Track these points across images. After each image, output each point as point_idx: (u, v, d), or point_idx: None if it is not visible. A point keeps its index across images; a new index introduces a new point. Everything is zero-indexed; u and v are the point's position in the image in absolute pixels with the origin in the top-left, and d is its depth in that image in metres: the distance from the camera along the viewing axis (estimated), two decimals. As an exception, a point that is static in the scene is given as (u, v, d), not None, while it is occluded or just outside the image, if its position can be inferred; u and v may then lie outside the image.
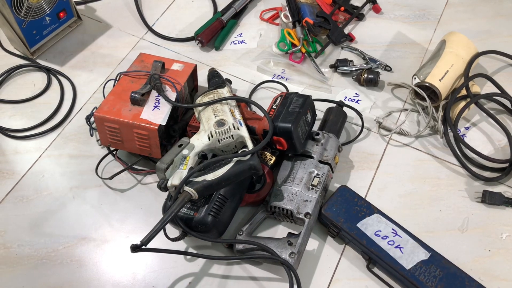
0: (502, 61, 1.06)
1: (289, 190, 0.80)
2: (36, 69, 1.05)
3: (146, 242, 0.65)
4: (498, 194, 0.85)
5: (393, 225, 0.78)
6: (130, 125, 0.82)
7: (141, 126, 0.81)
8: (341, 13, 1.13)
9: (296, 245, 0.74)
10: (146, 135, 0.82)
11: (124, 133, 0.84)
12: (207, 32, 1.08)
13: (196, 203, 0.75)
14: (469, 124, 0.97)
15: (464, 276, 0.74)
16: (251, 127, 0.81)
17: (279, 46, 1.05)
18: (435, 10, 1.16)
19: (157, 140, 0.82)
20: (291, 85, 1.02)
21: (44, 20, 1.03)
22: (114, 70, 1.05)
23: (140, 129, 0.82)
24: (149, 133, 0.82)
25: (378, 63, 1.04)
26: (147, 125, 0.81)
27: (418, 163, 0.91)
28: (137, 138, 0.83)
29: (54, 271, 0.79)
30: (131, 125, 0.82)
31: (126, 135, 0.84)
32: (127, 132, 0.83)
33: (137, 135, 0.83)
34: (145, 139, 0.83)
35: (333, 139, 0.86)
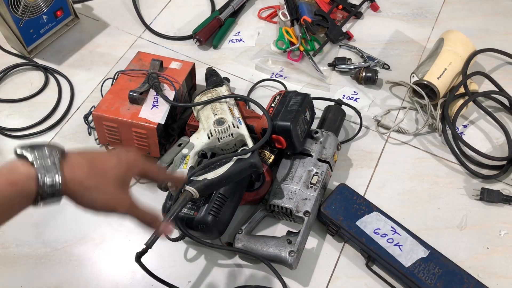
0: (500, 59, 1.06)
1: (288, 189, 0.80)
2: (33, 68, 1.05)
3: (151, 244, 0.65)
4: (496, 191, 0.85)
5: (392, 223, 0.79)
6: (129, 124, 0.82)
7: (140, 125, 0.81)
8: (339, 11, 1.13)
9: (295, 243, 0.74)
10: (145, 134, 0.82)
11: (122, 132, 0.84)
12: (205, 31, 1.07)
13: (196, 203, 0.75)
14: (467, 122, 0.97)
15: (462, 274, 0.74)
16: (250, 126, 0.80)
17: (277, 45, 1.05)
18: (433, 8, 1.16)
19: (155, 139, 0.82)
20: (289, 84, 1.02)
21: (41, 19, 1.02)
22: (112, 69, 1.05)
23: (138, 128, 0.82)
24: (147, 132, 0.81)
25: (376, 61, 1.04)
26: (145, 124, 0.81)
27: (417, 161, 0.92)
28: (136, 137, 0.83)
29: (53, 271, 0.79)
30: (130, 124, 0.82)
31: (124, 134, 0.84)
32: (125, 131, 0.83)
33: (135, 134, 0.83)
34: (144, 138, 0.83)
35: (332, 137, 0.86)
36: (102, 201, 0.50)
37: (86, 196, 0.49)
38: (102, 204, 0.51)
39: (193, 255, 0.81)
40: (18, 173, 0.46)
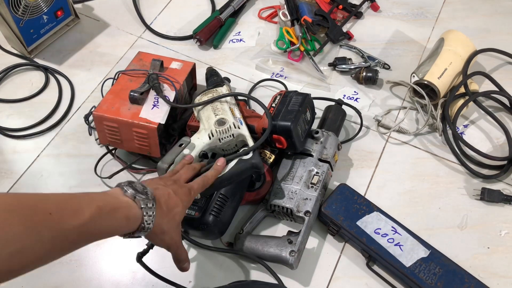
0: (500, 59, 1.06)
1: (288, 189, 0.80)
2: (33, 68, 1.05)
3: (153, 245, 0.65)
4: (497, 191, 0.85)
5: (393, 223, 0.79)
6: (129, 124, 0.82)
7: (140, 125, 0.81)
8: (340, 11, 1.13)
9: (296, 243, 0.74)
10: (145, 134, 0.82)
11: (123, 132, 0.84)
12: (205, 31, 1.07)
13: (197, 203, 0.75)
14: (468, 122, 0.97)
15: (463, 273, 0.74)
16: (251, 126, 0.80)
17: (277, 45, 1.05)
18: (433, 8, 1.16)
19: (156, 139, 0.82)
20: (290, 84, 1.02)
21: (41, 19, 1.02)
22: (112, 69, 1.05)
23: (139, 128, 0.82)
24: (148, 132, 0.81)
25: (377, 61, 1.04)
26: (146, 124, 0.81)
27: (417, 161, 0.92)
28: (136, 137, 0.83)
29: (53, 271, 0.79)
30: (130, 124, 0.82)
31: (125, 134, 0.84)
32: (126, 131, 0.83)
33: (136, 134, 0.83)
34: (144, 138, 0.83)
35: (333, 137, 0.86)
36: (167, 243, 0.60)
37: (159, 237, 0.58)
38: (166, 245, 0.61)
39: (194, 255, 0.81)
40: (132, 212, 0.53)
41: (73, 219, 0.46)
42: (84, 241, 0.49)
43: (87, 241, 0.49)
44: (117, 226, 0.52)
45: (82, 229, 0.47)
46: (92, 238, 0.50)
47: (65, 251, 0.48)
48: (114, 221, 0.51)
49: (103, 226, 0.50)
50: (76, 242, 0.48)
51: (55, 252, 0.46)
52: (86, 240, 0.49)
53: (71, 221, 0.46)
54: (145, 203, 0.54)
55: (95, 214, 0.48)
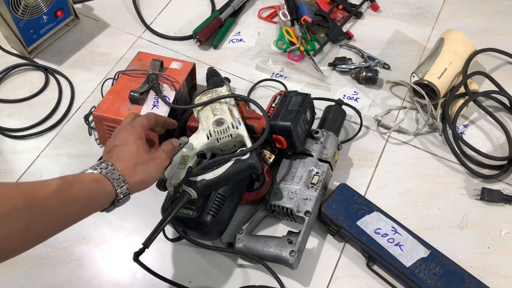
0: (500, 59, 1.06)
1: (288, 189, 0.80)
2: (33, 68, 1.05)
3: (148, 244, 0.65)
4: (497, 191, 0.85)
5: (393, 223, 0.79)
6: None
7: (140, 125, 0.81)
8: (339, 11, 1.13)
9: (296, 243, 0.74)
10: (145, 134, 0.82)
11: (123, 132, 0.84)
12: (205, 31, 1.07)
13: (195, 203, 0.75)
14: (468, 121, 0.97)
15: (463, 273, 0.74)
16: (250, 126, 0.80)
17: (277, 45, 1.05)
18: (433, 8, 1.16)
19: (156, 139, 0.82)
20: (289, 84, 1.02)
21: (41, 19, 1.02)
22: (112, 69, 1.05)
23: (139, 128, 0.82)
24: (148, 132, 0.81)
25: (377, 61, 1.04)
26: (146, 124, 0.81)
27: (417, 161, 0.92)
28: (136, 137, 0.83)
29: (53, 271, 0.79)
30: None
31: (125, 134, 0.84)
32: (126, 131, 0.83)
33: (136, 134, 0.83)
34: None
35: (332, 137, 0.86)
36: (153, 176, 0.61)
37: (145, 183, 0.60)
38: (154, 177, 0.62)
39: (194, 255, 0.81)
40: (98, 175, 0.55)
41: (42, 190, 0.49)
42: (67, 209, 0.51)
43: (71, 209, 0.51)
44: (91, 189, 0.53)
45: (56, 196, 0.49)
46: (73, 204, 0.51)
47: (51, 224, 0.49)
48: (83, 185, 0.53)
49: (75, 190, 0.52)
50: (56, 210, 0.49)
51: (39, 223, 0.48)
52: (68, 206, 0.51)
53: (41, 191, 0.49)
54: (101, 167, 0.56)
55: (62, 182, 0.51)
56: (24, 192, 0.48)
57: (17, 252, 0.48)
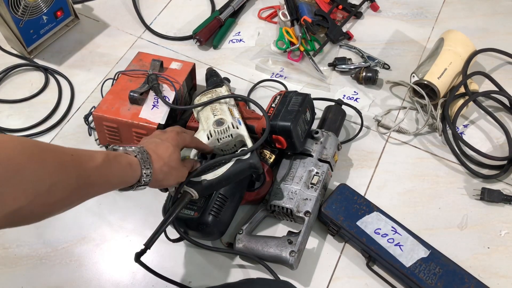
0: (500, 59, 1.06)
1: (288, 189, 0.80)
2: (33, 69, 1.05)
3: (150, 245, 0.65)
4: (497, 191, 0.85)
5: (393, 223, 0.79)
6: (129, 124, 0.82)
7: (140, 125, 0.81)
8: (339, 12, 1.13)
9: (296, 243, 0.74)
10: (145, 134, 0.82)
11: (123, 132, 0.84)
12: (205, 31, 1.07)
13: (196, 203, 0.75)
14: (468, 121, 0.97)
15: (463, 273, 0.74)
16: (250, 126, 0.80)
17: (277, 45, 1.05)
18: (433, 8, 1.16)
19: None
20: (289, 84, 1.02)
21: (41, 19, 1.02)
22: (112, 69, 1.05)
23: (139, 128, 0.82)
24: (148, 132, 0.81)
25: (377, 61, 1.04)
26: (146, 124, 0.81)
27: (417, 161, 0.92)
28: (136, 137, 0.83)
29: (53, 271, 0.79)
30: (130, 124, 0.82)
31: (125, 134, 0.84)
32: (126, 131, 0.83)
33: (136, 135, 0.83)
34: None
35: (332, 137, 0.86)
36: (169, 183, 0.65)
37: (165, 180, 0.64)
38: (168, 184, 0.66)
39: (194, 255, 0.81)
40: (133, 159, 0.59)
41: (89, 162, 0.52)
42: (102, 184, 0.54)
43: (104, 185, 0.55)
44: (124, 172, 0.57)
45: (98, 171, 0.52)
46: (107, 182, 0.55)
47: (85, 194, 0.52)
48: (120, 166, 0.56)
49: (114, 170, 0.55)
50: (95, 183, 0.53)
51: (80, 192, 0.51)
52: (103, 183, 0.54)
53: (89, 163, 0.52)
54: (137, 152, 0.60)
55: (105, 158, 0.54)
56: (76, 163, 0.50)
57: (58, 213, 0.50)
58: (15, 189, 0.43)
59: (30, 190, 0.44)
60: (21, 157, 0.44)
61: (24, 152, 0.45)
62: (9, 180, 0.42)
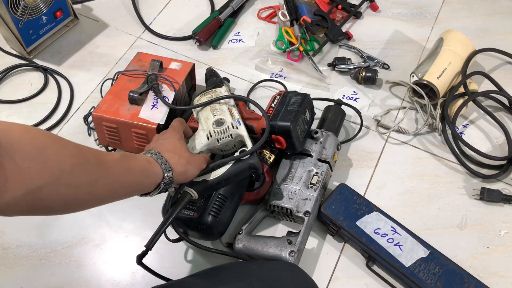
0: (499, 59, 1.06)
1: (288, 189, 0.80)
2: (33, 69, 1.05)
3: (151, 246, 0.65)
4: (496, 191, 0.85)
5: (392, 223, 0.79)
6: (129, 124, 0.82)
7: (140, 125, 0.81)
8: (339, 12, 1.13)
9: (295, 243, 0.74)
10: (145, 134, 0.82)
11: (122, 133, 0.84)
12: (204, 31, 1.07)
13: (196, 203, 0.75)
14: (467, 121, 0.97)
15: (463, 273, 0.74)
16: (250, 126, 0.80)
17: (277, 45, 1.05)
18: (433, 8, 1.16)
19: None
20: (289, 84, 1.02)
21: (40, 20, 1.02)
22: (111, 70, 1.05)
23: (138, 128, 0.82)
24: (147, 132, 0.81)
25: (376, 61, 1.04)
26: (145, 124, 0.81)
27: (417, 161, 0.92)
28: (136, 137, 0.83)
29: (53, 272, 0.79)
30: (130, 124, 0.82)
31: (124, 135, 0.84)
32: (125, 132, 0.83)
33: (135, 135, 0.83)
34: (144, 139, 0.83)
35: (332, 137, 0.86)
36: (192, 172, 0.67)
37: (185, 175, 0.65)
38: (193, 174, 0.67)
39: (194, 255, 0.81)
40: (149, 157, 0.61)
41: (108, 155, 0.54)
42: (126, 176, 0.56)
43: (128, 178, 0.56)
44: (144, 167, 0.59)
45: (119, 163, 0.55)
46: (130, 174, 0.56)
47: (112, 186, 0.54)
48: (138, 162, 0.59)
49: (133, 163, 0.57)
50: (119, 175, 0.54)
51: (104, 180, 0.52)
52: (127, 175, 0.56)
53: (107, 156, 0.54)
54: (151, 153, 0.62)
55: (122, 155, 0.56)
56: (95, 152, 0.52)
57: (87, 205, 0.52)
58: (39, 166, 0.44)
59: (54, 168, 0.45)
60: (44, 138, 0.46)
61: (46, 135, 0.47)
62: (34, 156, 0.43)
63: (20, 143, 0.43)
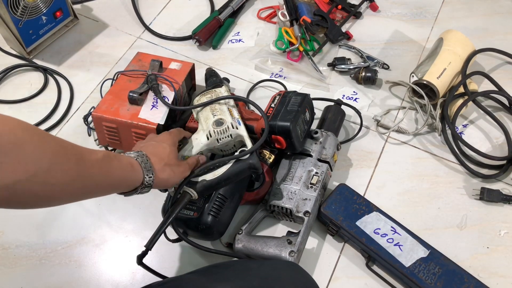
0: (499, 59, 1.06)
1: (288, 189, 0.80)
2: (32, 69, 1.05)
3: (151, 246, 0.65)
4: (496, 191, 0.85)
5: (392, 223, 0.79)
6: (128, 124, 0.82)
7: (140, 125, 0.81)
8: (339, 12, 1.13)
9: (295, 243, 0.74)
10: (145, 134, 0.82)
11: (122, 133, 0.84)
12: (204, 31, 1.07)
13: (196, 203, 0.75)
14: (467, 121, 0.97)
15: (463, 273, 0.74)
16: (250, 126, 0.80)
17: (276, 45, 1.05)
18: (432, 8, 1.16)
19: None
20: (289, 84, 1.02)
21: (40, 20, 1.02)
22: (111, 70, 1.05)
23: (138, 128, 0.82)
24: (147, 132, 0.81)
25: (376, 61, 1.05)
26: (145, 124, 0.81)
27: (417, 161, 0.92)
28: (136, 137, 0.83)
29: (53, 272, 0.79)
30: (129, 124, 0.82)
31: (124, 135, 0.84)
32: (125, 132, 0.83)
33: (135, 135, 0.83)
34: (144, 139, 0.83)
35: (332, 137, 0.86)
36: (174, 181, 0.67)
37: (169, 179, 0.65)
38: (174, 182, 0.67)
39: (194, 255, 0.81)
40: (134, 161, 0.60)
41: (90, 154, 0.53)
42: (103, 180, 0.55)
43: (105, 181, 0.55)
44: (125, 171, 0.58)
45: (99, 164, 0.54)
46: (108, 178, 0.56)
47: (86, 187, 0.53)
48: (121, 165, 0.58)
49: (114, 167, 0.56)
50: (96, 177, 0.54)
51: (81, 181, 0.51)
52: (104, 178, 0.55)
53: (89, 155, 0.53)
54: (135, 156, 0.62)
55: (106, 155, 0.56)
56: (77, 151, 0.52)
57: (59, 202, 0.52)
58: (14, 162, 0.43)
59: (30, 165, 0.44)
60: (23, 133, 0.45)
61: (26, 130, 0.46)
62: (9, 152, 0.43)
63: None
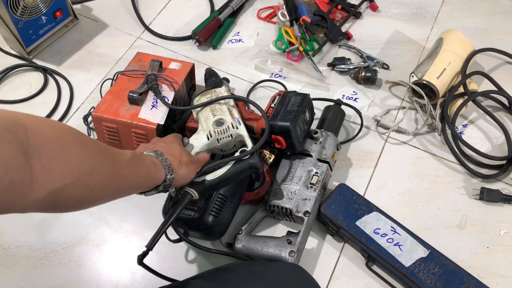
0: (499, 59, 1.06)
1: (288, 189, 0.80)
2: (32, 69, 1.05)
3: (151, 246, 0.65)
4: (496, 191, 0.85)
5: (392, 223, 0.79)
6: (128, 124, 0.82)
7: (139, 125, 0.81)
8: (338, 12, 1.13)
9: (295, 243, 0.74)
10: (144, 134, 0.82)
11: (122, 133, 0.84)
12: (204, 31, 1.07)
13: (196, 204, 0.75)
14: (467, 121, 0.97)
15: (463, 273, 0.74)
16: (250, 126, 0.80)
17: (276, 45, 1.05)
18: (432, 8, 1.16)
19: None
20: (289, 84, 1.02)
21: (40, 20, 1.02)
22: (111, 70, 1.05)
23: (138, 128, 0.82)
24: (147, 132, 0.81)
25: (376, 61, 1.05)
26: (145, 124, 0.81)
27: (416, 161, 0.92)
28: (135, 137, 0.83)
29: (52, 272, 0.79)
30: (129, 124, 0.82)
31: (124, 135, 0.84)
32: (125, 132, 0.83)
33: (135, 135, 0.83)
34: (143, 139, 0.83)
35: (332, 137, 0.86)
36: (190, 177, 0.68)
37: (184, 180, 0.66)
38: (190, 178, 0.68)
39: (194, 255, 0.81)
40: (156, 159, 0.61)
41: (121, 155, 0.54)
42: (132, 179, 0.56)
43: (133, 180, 0.56)
44: (150, 170, 0.59)
45: (129, 165, 0.55)
46: (136, 177, 0.57)
47: (118, 188, 0.54)
48: (145, 164, 0.59)
49: (141, 167, 0.58)
50: (126, 177, 0.55)
51: (114, 183, 0.53)
52: (133, 178, 0.56)
53: (120, 156, 0.54)
54: (157, 153, 0.63)
55: (133, 155, 0.57)
56: (111, 152, 0.53)
57: (94, 204, 0.52)
58: (63, 166, 0.44)
59: (75, 169, 0.45)
60: (69, 137, 0.46)
61: (70, 133, 0.47)
62: (58, 156, 0.43)
63: (46, 142, 0.42)
